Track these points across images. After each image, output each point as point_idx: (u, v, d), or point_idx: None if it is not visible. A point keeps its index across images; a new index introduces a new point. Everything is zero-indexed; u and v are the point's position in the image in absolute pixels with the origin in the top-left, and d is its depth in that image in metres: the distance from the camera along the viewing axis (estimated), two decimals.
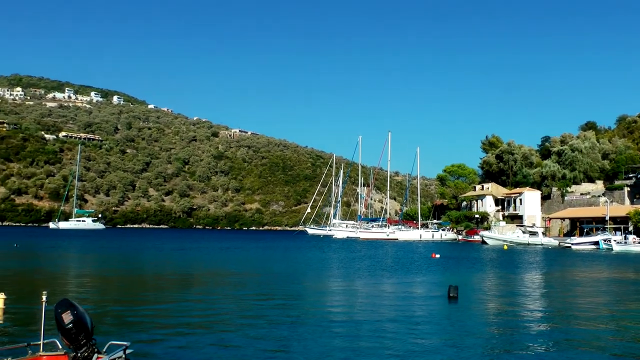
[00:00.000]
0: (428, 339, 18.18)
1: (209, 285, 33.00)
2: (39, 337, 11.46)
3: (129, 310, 23.11)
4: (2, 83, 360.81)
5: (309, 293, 30.49)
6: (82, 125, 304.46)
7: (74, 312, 10.80)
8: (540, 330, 20.12)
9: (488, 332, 19.59)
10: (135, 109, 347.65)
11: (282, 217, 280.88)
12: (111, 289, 31.30)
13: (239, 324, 20.21)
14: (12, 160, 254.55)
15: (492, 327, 20.74)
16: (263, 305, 24.72)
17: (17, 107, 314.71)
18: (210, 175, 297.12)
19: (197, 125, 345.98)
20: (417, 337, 18.41)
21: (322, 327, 19.97)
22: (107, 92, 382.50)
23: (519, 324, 21.15)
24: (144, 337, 17.53)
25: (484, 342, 17.93)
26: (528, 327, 20.62)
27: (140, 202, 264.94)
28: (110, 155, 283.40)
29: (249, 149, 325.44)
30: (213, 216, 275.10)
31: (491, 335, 19.08)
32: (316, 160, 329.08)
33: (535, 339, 18.41)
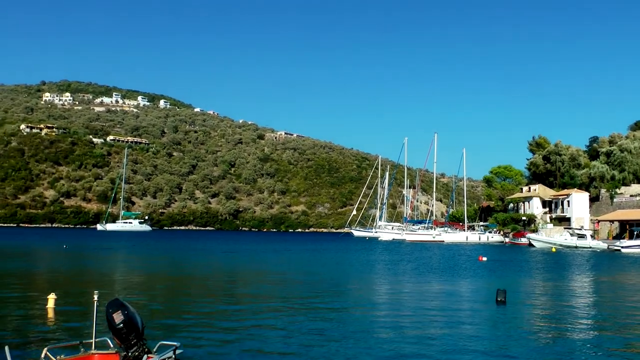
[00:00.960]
0: (476, 343, 17.79)
1: (257, 288, 32.81)
2: (91, 336, 11.77)
3: (178, 311, 23.18)
4: (52, 89, 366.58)
5: (356, 295, 30.19)
6: (130, 129, 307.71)
7: (125, 312, 11.01)
8: (592, 338, 19.38)
9: (537, 338, 18.98)
10: (181, 113, 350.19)
11: (328, 219, 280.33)
12: (160, 290, 31.43)
13: (286, 326, 20.03)
14: (61, 163, 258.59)
15: (542, 332, 20.14)
16: (309, 308, 24.40)
17: (66, 112, 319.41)
18: (256, 178, 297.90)
19: (242, 128, 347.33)
20: (465, 341, 18.02)
21: (367, 329, 19.70)
22: (154, 96, 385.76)
23: (569, 331, 20.47)
24: (193, 338, 17.49)
25: (533, 348, 17.37)
26: (578, 335, 19.90)
27: (187, 204, 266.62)
28: (157, 158, 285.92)
29: (295, 151, 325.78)
30: (259, 218, 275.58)
31: (540, 342, 18.47)
32: (362, 162, 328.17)
33: (586, 348, 17.76)
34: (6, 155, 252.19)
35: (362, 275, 41.71)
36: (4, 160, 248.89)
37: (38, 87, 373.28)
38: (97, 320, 12.03)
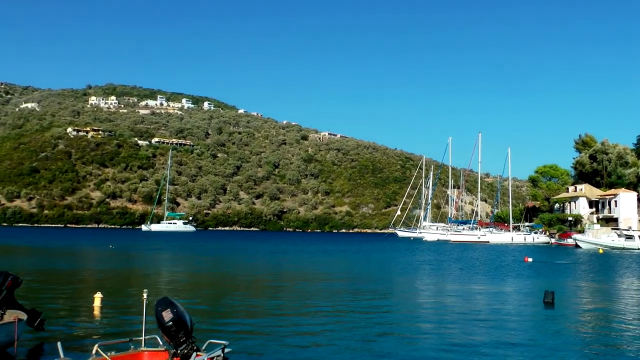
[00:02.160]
0: (524, 346, 17.41)
1: (303, 288, 32.72)
2: (141, 334, 12.01)
3: (226, 310, 23.30)
4: (98, 92, 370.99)
5: (401, 296, 29.93)
6: (174, 131, 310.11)
7: (174, 311, 11.17)
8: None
9: (587, 342, 18.56)
10: (225, 114, 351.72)
11: (372, 220, 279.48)
12: (207, 290, 31.53)
13: (331, 327, 19.94)
14: (107, 165, 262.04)
15: (592, 336, 19.69)
16: (354, 309, 24.18)
17: (111, 115, 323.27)
18: (300, 178, 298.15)
19: (286, 129, 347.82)
20: (512, 344, 17.67)
21: (412, 330, 19.58)
22: (198, 99, 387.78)
23: (619, 335, 19.89)
24: (241, 337, 17.50)
25: (584, 352, 16.99)
26: (631, 340, 19.20)
27: (231, 205, 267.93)
28: (202, 160, 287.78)
29: (339, 152, 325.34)
30: (303, 219, 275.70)
31: (591, 346, 18.00)
32: (406, 162, 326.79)
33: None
34: (54, 158, 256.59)
35: (407, 276, 41.46)
36: (52, 163, 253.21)
37: (84, 91, 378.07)
38: (147, 318, 12.17)
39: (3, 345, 15.02)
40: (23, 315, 15.73)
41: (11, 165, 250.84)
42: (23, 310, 16.10)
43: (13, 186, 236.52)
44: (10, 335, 14.86)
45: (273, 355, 15.62)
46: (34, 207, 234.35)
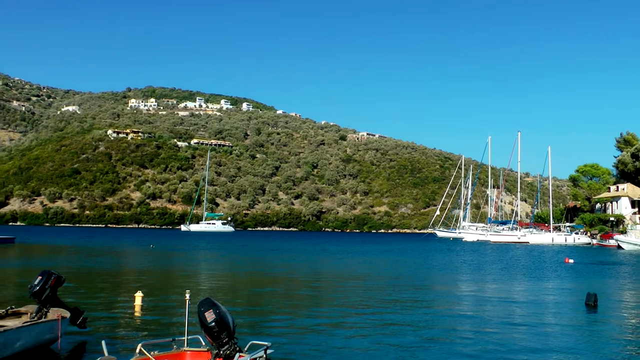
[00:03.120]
0: (566, 350, 17.07)
1: (345, 288, 32.41)
2: (183, 334, 12.25)
3: (268, 311, 23.20)
4: (137, 95, 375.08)
5: (440, 297, 29.56)
6: (213, 132, 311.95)
7: (217, 311, 11.21)
8: None
9: (632, 347, 18.08)
10: (264, 115, 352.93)
11: (411, 220, 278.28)
12: (248, 290, 31.54)
13: (372, 327, 19.87)
14: (147, 166, 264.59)
15: (637, 341, 19.12)
16: (395, 310, 24.08)
17: (151, 117, 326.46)
18: (338, 179, 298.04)
19: (325, 129, 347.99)
20: (554, 348, 17.34)
21: (452, 333, 19.28)
22: (237, 100, 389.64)
23: None
24: (283, 338, 17.49)
25: (628, 357, 16.58)
26: None
27: (270, 206, 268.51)
28: (241, 160, 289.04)
29: (377, 152, 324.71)
30: (342, 219, 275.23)
31: (636, 351, 17.53)
32: (444, 162, 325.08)
33: None
34: (94, 160, 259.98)
35: (447, 277, 41.16)
36: (93, 164, 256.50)
37: (124, 94, 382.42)
38: (189, 318, 12.37)
39: (47, 341, 15.36)
40: (66, 313, 16.01)
41: (53, 166, 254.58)
42: (66, 308, 16.37)
43: (55, 187, 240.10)
44: (54, 332, 15.24)
45: (313, 356, 15.59)
46: (76, 207, 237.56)
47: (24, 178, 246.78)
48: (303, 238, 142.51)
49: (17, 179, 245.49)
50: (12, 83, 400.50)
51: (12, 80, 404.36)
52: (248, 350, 11.43)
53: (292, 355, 15.41)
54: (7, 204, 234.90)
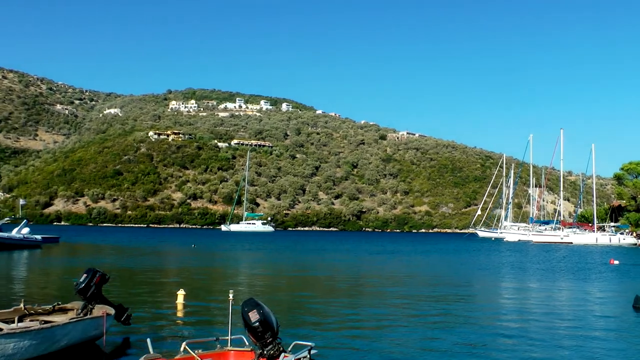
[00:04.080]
0: (616, 355, 16.55)
1: (388, 288, 32.36)
2: (226, 333, 12.31)
3: (310, 312, 23.19)
4: (178, 97, 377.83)
5: (483, 298, 29.34)
6: (253, 133, 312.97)
7: (260, 311, 11.24)
8: None
9: None
10: (303, 115, 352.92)
11: (452, 220, 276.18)
12: (290, 290, 31.55)
13: (416, 327, 19.78)
14: (188, 167, 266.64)
15: None
16: (439, 310, 23.99)
17: (191, 119, 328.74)
18: (379, 178, 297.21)
19: (364, 129, 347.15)
20: (602, 352, 16.88)
21: (494, 334, 19.04)
22: (276, 100, 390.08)
23: None
24: (326, 338, 17.39)
25: None
26: None
27: (311, 206, 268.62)
28: (281, 161, 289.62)
29: (417, 151, 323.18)
30: (382, 219, 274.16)
31: None
32: (485, 160, 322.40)
33: None
34: (136, 161, 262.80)
35: (490, 278, 40.82)
36: (135, 166, 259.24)
37: (164, 96, 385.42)
38: (233, 318, 12.38)
39: (93, 337, 15.66)
40: (111, 310, 16.28)
41: (96, 168, 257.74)
42: (111, 305, 16.66)
43: (98, 188, 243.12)
44: (99, 329, 15.49)
45: (357, 357, 15.48)
46: (118, 207, 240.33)
47: (68, 179, 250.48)
48: (343, 238, 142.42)
49: (61, 180, 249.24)
50: (55, 87, 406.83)
51: (55, 85, 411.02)
52: (292, 350, 11.41)
53: (336, 356, 15.33)
54: (52, 204, 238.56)
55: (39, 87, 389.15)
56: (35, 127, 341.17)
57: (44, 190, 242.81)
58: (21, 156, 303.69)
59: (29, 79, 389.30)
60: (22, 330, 13.82)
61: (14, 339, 13.43)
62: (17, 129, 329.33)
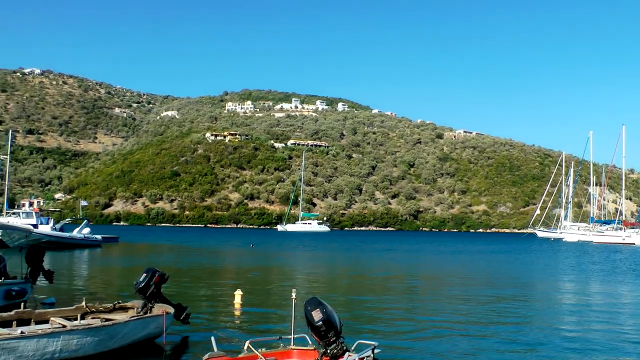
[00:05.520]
0: None
1: (448, 289, 31.97)
2: (284, 332, 12.69)
3: (373, 311, 23.10)
4: (234, 98, 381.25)
5: (542, 301, 28.63)
6: (309, 133, 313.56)
7: (324, 311, 11.37)
8: None
9: None
10: (359, 115, 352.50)
11: (510, 219, 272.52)
12: (349, 289, 31.44)
13: (478, 329, 19.56)
14: (245, 168, 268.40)
15: None
16: (499, 312, 23.67)
17: (247, 119, 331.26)
18: (435, 178, 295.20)
19: (421, 128, 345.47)
20: None
21: (556, 339, 18.54)
22: (332, 100, 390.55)
23: None
24: (390, 338, 17.34)
25: None
26: None
27: (367, 205, 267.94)
28: (337, 161, 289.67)
29: (474, 150, 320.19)
30: (439, 218, 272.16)
31: None
32: (544, 159, 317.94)
33: None
34: (193, 162, 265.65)
35: (549, 279, 40.09)
36: (192, 167, 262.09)
37: (221, 98, 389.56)
38: (295, 317, 12.46)
39: (153, 335, 15.88)
40: (170, 309, 16.48)
41: (154, 169, 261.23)
42: (170, 304, 16.89)
43: (156, 189, 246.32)
44: (159, 327, 15.71)
45: (420, 357, 15.36)
46: (176, 208, 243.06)
47: (127, 180, 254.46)
48: (401, 238, 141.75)
49: (120, 182, 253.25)
50: (114, 91, 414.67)
51: (114, 89, 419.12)
52: (355, 349, 11.38)
53: (399, 356, 15.21)
54: (111, 205, 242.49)
55: (97, 92, 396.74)
56: (94, 130, 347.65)
57: (104, 191, 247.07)
58: (81, 158, 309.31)
59: (88, 84, 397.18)
60: (84, 327, 14.33)
61: (77, 336, 13.89)
62: (77, 133, 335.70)
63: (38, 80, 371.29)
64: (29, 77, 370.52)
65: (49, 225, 67.06)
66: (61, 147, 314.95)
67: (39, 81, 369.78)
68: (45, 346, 13.28)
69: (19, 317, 15.32)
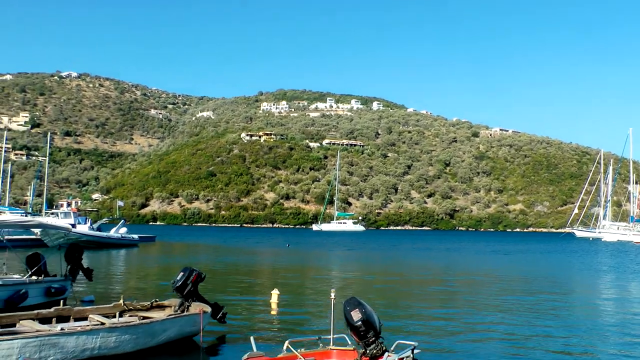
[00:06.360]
0: None
1: (486, 289, 31.67)
2: (322, 332, 12.70)
3: (412, 311, 23.01)
4: (269, 98, 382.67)
5: (584, 302, 28.18)
6: (344, 132, 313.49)
7: (363, 311, 11.37)
8: None
9: None
10: (394, 114, 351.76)
11: (547, 219, 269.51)
12: (386, 289, 31.27)
13: (519, 331, 19.41)
14: (280, 167, 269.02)
15: None
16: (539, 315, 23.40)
17: (282, 119, 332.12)
18: (472, 176, 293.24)
19: (456, 126, 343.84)
20: None
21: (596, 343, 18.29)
22: (367, 99, 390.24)
23: None
24: (429, 338, 17.30)
25: None
26: None
27: (403, 205, 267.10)
28: (372, 160, 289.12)
29: (511, 148, 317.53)
30: (476, 218, 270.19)
31: None
32: (582, 156, 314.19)
33: None
34: (229, 162, 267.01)
35: (591, 280, 39.55)
36: (228, 167, 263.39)
37: (256, 98, 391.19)
38: (335, 317, 12.39)
39: (190, 334, 16.07)
40: (207, 308, 16.65)
41: (190, 169, 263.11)
42: (207, 303, 17.05)
43: (192, 189, 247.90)
44: (196, 326, 15.91)
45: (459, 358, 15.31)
46: (212, 208, 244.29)
47: (163, 181, 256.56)
48: (438, 237, 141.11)
49: (156, 182, 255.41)
50: (149, 93, 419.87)
51: (149, 90, 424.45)
52: (395, 349, 11.34)
53: (439, 357, 15.18)
54: (148, 205, 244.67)
55: (133, 94, 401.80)
56: (130, 131, 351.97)
57: (140, 191, 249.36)
58: (118, 159, 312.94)
59: (124, 86, 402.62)
60: (122, 324, 14.60)
61: (115, 333, 14.12)
62: (114, 134, 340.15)
63: (75, 83, 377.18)
64: (66, 81, 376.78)
65: (86, 225, 67.89)
66: (98, 148, 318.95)
67: (76, 84, 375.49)
68: (84, 343, 13.51)
69: (58, 314, 15.65)
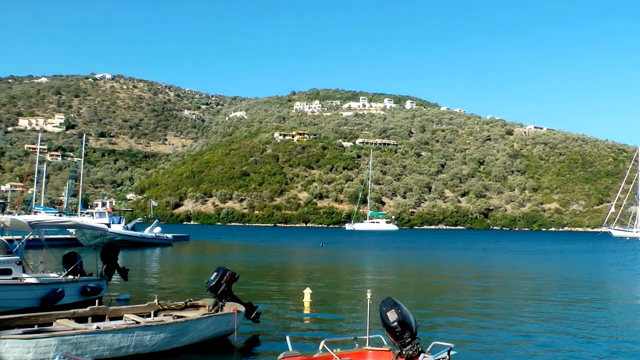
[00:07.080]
0: None
1: (523, 291, 31.21)
2: (364, 332, 12.52)
3: (448, 312, 22.81)
4: (302, 98, 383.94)
5: (624, 304, 27.63)
6: (377, 131, 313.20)
7: (399, 311, 11.38)
8: None
9: None
10: (427, 112, 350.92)
11: (583, 218, 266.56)
12: (422, 289, 31.02)
13: (557, 332, 19.16)
14: (314, 167, 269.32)
15: None
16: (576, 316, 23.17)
17: (315, 119, 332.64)
18: (506, 175, 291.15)
19: (490, 124, 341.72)
20: None
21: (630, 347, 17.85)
22: (400, 98, 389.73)
23: None
24: (465, 340, 17.14)
25: None
26: None
27: (437, 204, 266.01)
28: (406, 159, 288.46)
29: (546, 146, 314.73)
30: (510, 217, 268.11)
31: None
32: (618, 154, 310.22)
33: None
34: (262, 162, 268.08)
35: (626, 283, 38.84)
36: (261, 166, 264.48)
37: (289, 98, 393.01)
38: (370, 317, 12.51)
39: (224, 333, 16.15)
40: (241, 307, 16.74)
41: (223, 169, 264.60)
42: (241, 303, 17.14)
43: (225, 189, 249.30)
44: (230, 325, 16.00)
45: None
46: (245, 207, 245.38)
47: (197, 181, 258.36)
48: (472, 236, 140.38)
49: (190, 182, 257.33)
50: (183, 94, 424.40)
51: (183, 91, 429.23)
52: (431, 350, 11.35)
53: (475, 358, 15.06)
54: (182, 204, 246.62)
55: (167, 95, 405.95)
56: (164, 132, 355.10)
57: (174, 191, 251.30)
58: (151, 160, 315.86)
59: (158, 87, 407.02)
60: (157, 323, 14.79)
61: (150, 332, 14.31)
62: (148, 135, 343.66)
63: (109, 85, 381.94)
64: (100, 82, 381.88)
65: (121, 224, 68.45)
66: (132, 149, 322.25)
67: (110, 86, 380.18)
68: (119, 341, 13.70)
69: (94, 313, 15.90)
